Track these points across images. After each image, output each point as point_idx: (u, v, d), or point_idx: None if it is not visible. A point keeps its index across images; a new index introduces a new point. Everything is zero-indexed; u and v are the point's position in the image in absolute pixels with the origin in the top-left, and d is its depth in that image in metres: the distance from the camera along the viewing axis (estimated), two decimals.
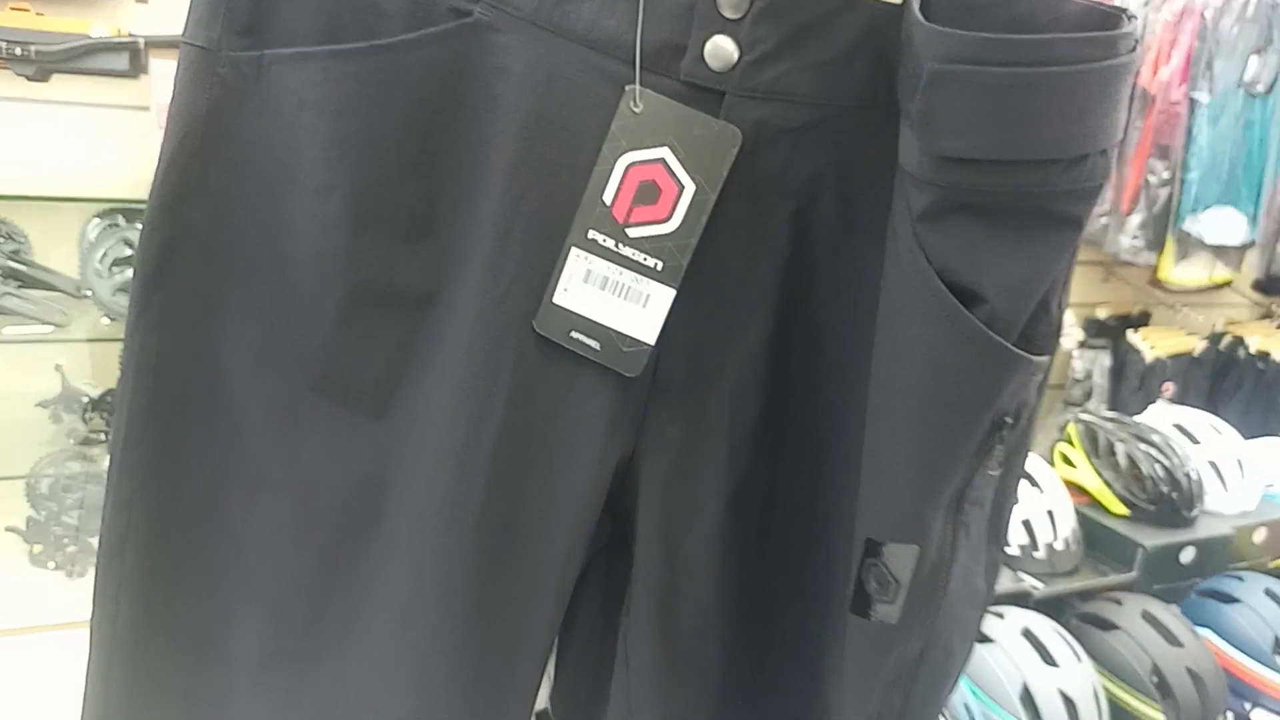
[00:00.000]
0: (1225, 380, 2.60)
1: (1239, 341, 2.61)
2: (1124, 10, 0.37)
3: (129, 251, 1.65)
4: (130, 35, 1.65)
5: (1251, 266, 2.54)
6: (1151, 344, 2.49)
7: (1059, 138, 0.36)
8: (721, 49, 0.40)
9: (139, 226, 1.65)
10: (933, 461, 0.41)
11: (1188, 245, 2.37)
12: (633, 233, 0.42)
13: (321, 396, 0.47)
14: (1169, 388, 2.46)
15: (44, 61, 1.63)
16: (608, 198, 0.42)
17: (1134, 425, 1.73)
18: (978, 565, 0.45)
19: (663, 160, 0.41)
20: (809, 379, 0.46)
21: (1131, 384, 2.45)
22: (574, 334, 0.44)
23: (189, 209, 0.46)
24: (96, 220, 1.65)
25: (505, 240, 0.43)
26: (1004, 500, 0.45)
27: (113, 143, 1.72)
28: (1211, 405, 2.42)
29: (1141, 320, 2.64)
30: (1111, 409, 2.31)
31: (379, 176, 0.44)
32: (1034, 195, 0.37)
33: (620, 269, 0.43)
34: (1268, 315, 2.87)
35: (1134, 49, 0.37)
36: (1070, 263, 0.41)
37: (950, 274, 0.38)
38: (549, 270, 0.43)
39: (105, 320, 1.63)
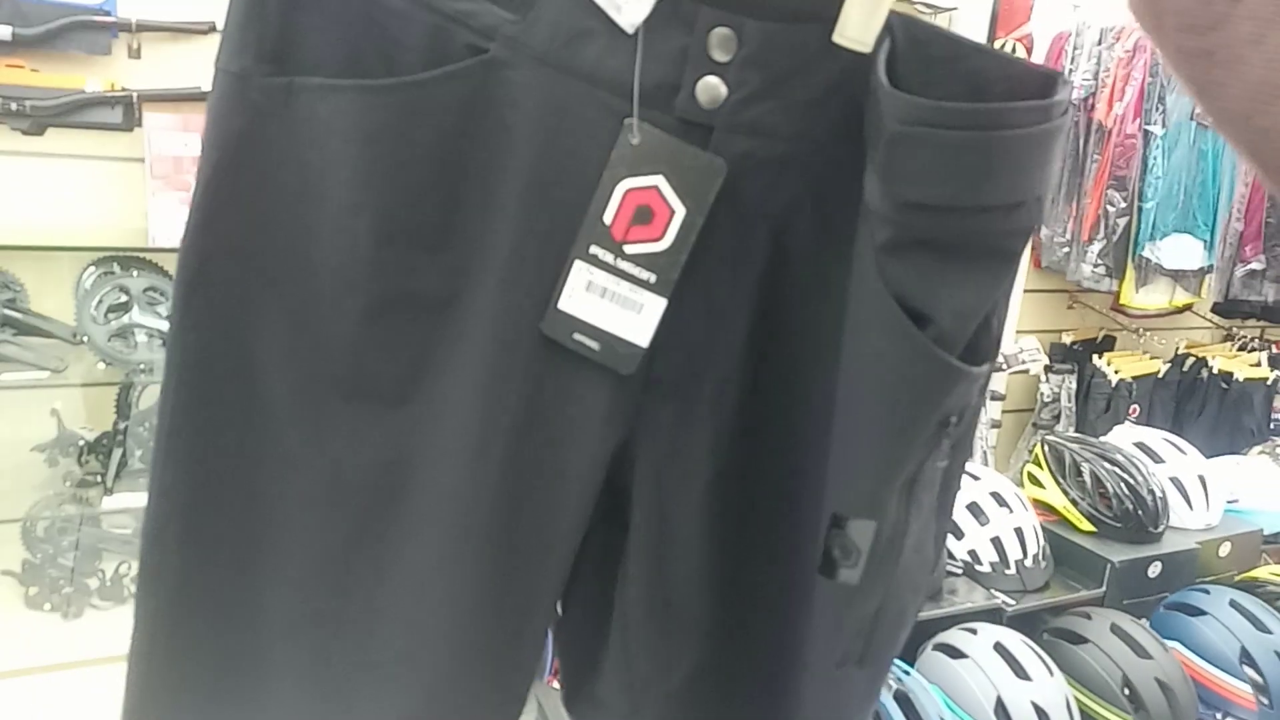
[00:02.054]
0: (1190, 401, 2.68)
1: (1202, 363, 2.68)
2: (1060, 74, 0.44)
3: (124, 298, 1.69)
4: (123, 90, 1.70)
5: (1211, 290, 2.63)
6: (1116, 368, 2.56)
7: (1002, 188, 0.43)
8: (711, 88, 0.46)
9: (134, 274, 1.70)
10: (889, 453, 0.48)
11: (1147, 271, 2.46)
12: (629, 249, 0.48)
13: (347, 390, 0.52)
14: (1135, 410, 2.54)
15: (39, 116, 1.69)
16: (607, 218, 0.47)
17: (1098, 445, 1.79)
18: (927, 535, 0.53)
19: (657, 187, 0.47)
20: (783, 375, 0.52)
21: (1098, 406, 2.52)
22: (576, 336, 0.49)
23: (224, 222, 0.50)
24: (92, 268, 1.69)
25: (517, 254, 0.49)
26: (950, 483, 0.53)
27: (107, 193, 1.76)
28: (1177, 426, 2.49)
29: (1106, 345, 2.71)
30: (1079, 431, 2.38)
31: (403, 196, 0.49)
32: (979, 234, 0.44)
33: (618, 280, 0.48)
34: (1229, 337, 2.96)
35: (1066, 113, 0.43)
36: (1008, 288, 0.48)
37: (906, 298, 0.45)
38: (555, 280, 0.49)
39: (100, 365, 1.67)
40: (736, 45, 0.46)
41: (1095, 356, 2.61)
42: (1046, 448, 1.83)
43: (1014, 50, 2.33)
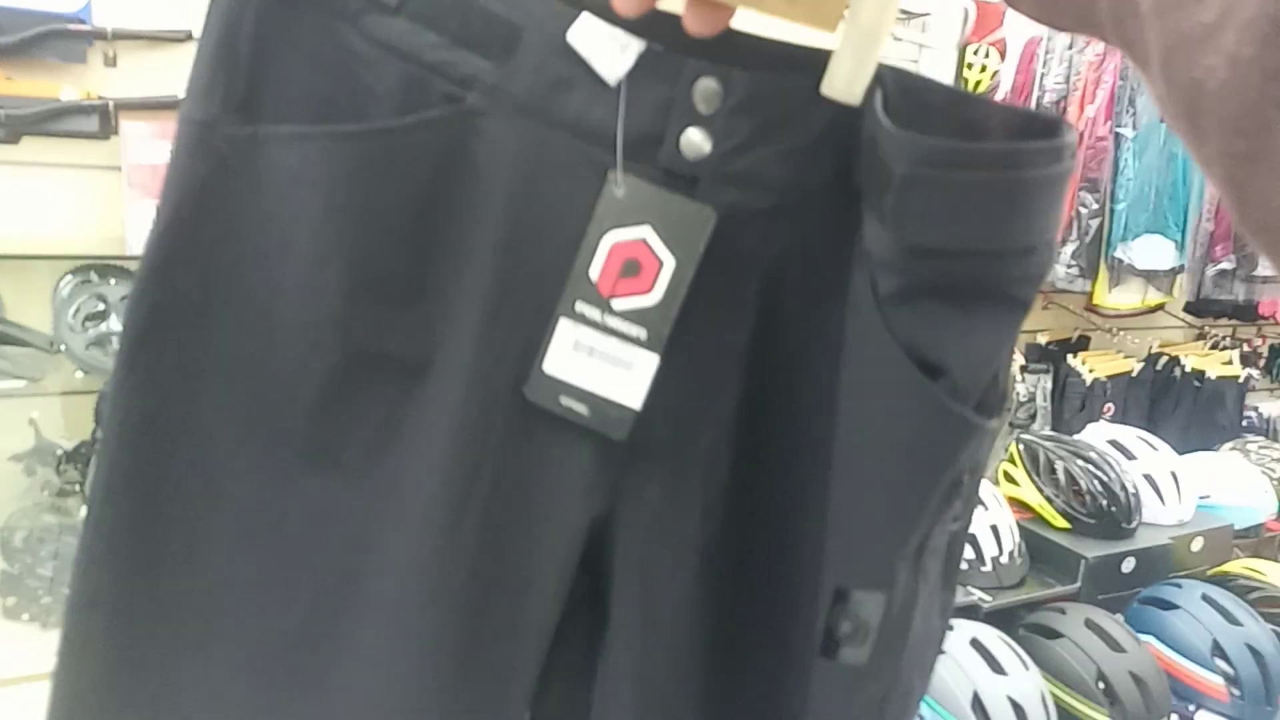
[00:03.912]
0: (1164, 399, 2.72)
1: (1175, 362, 2.72)
2: (1062, 119, 0.43)
3: (101, 306, 1.68)
4: (100, 98, 1.70)
5: (1183, 290, 2.67)
6: (1091, 367, 2.59)
7: (1015, 232, 0.41)
8: (694, 141, 0.44)
9: (111, 282, 1.70)
10: (900, 517, 0.45)
11: (1120, 272, 2.49)
12: (617, 305, 0.46)
13: (308, 457, 0.49)
14: (1110, 409, 2.57)
15: (14, 124, 1.68)
16: (593, 273, 0.45)
17: (1072, 443, 1.82)
18: (934, 607, 0.49)
19: (645, 239, 0.45)
20: (776, 440, 0.49)
21: (1073, 405, 2.55)
22: (563, 400, 0.46)
23: (179, 275, 0.47)
24: (69, 277, 1.68)
25: (496, 312, 0.46)
26: (957, 548, 0.50)
27: (84, 202, 1.76)
28: (1151, 424, 2.52)
29: (1080, 344, 2.75)
30: (1054, 430, 2.40)
31: (374, 250, 0.46)
32: (992, 280, 0.42)
33: (606, 338, 0.46)
34: (1201, 336, 3.00)
35: (1073, 156, 0.42)
36: (1015, 338, 0.46)
37: (915, 350, 0.42)
38: (537, 341, 0.46)
39: (79, 374, 1.66)
40: (722, 96, 0.44)
41: (1070, 356, 2.64)
42: (1022, 446, 1.86)
43: (987, 54, 2.36)
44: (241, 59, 0.46)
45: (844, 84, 0.41)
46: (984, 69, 2.34)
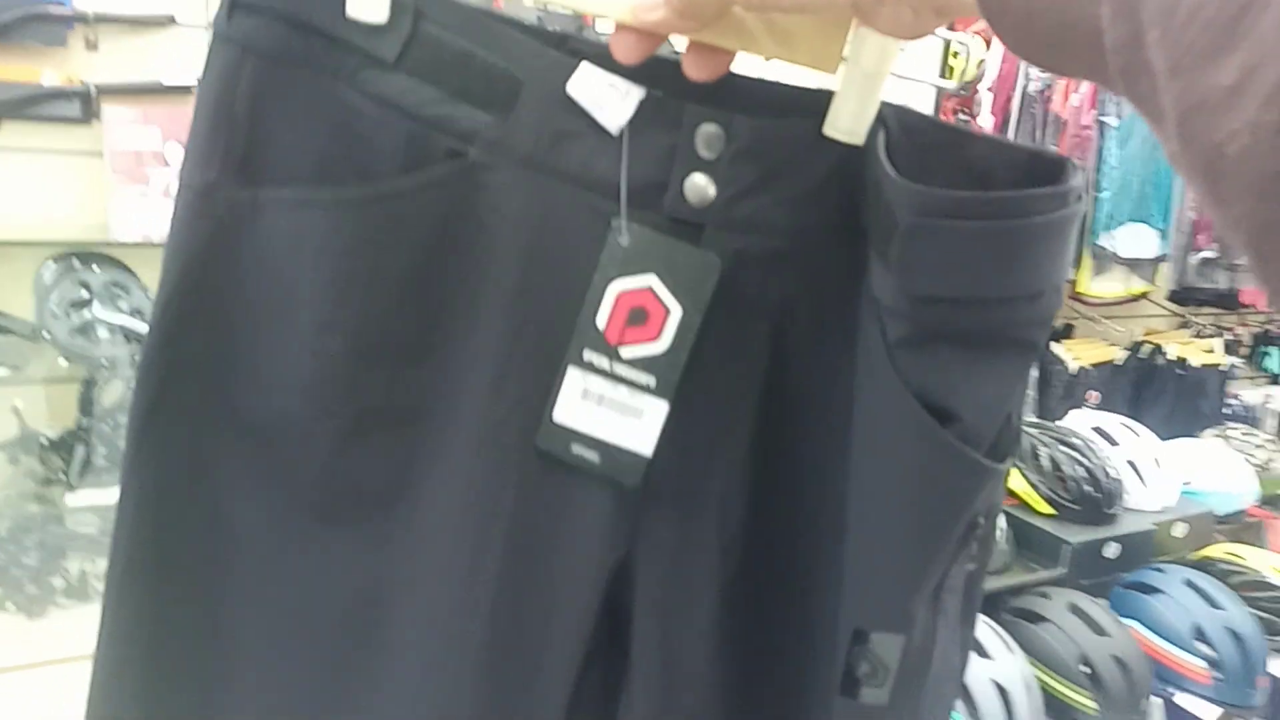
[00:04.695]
0: (1148, 387, 2.74)
1: (1158, 350, 2.74)
2: (1068, 160, 0.42)
3: (84, 293, 1.67)
4: (81, 82, 1.69)
5: (1166, 279, 2.69)
6: (1075, 355, 2.61)
7: (1022, 278, 0.40)
8: (699, 187, 0.44)
9: (94, 269, 1.69)
10: (915, 562, 0.45)
11: (1104, 260, 2.51)
12: (625, 353, 0.46)
13: (320, 518, 0.49)
14: (1093, 396, 2.59)
15: None
16: (600, 322, 0.45)
17: (1055, 430, 1.83)
18: (954, 644, 0.49)
19: (651, 287, 0.45)
20: (790, 482, 0.49)
21: (1057, 393, 2.56)
22: (575, 449, 0.47)
23: (186, 343, 0.48)
24: (52, 263, 1.67)
25: (506, 365, 0.47)
26: (975, 586, 0.50)
27: (66, 187, 1.74)
28: (1135, 411, 2.54)
29: (1064, 332, 2.76)
30: (1039, 417, 2.42)
31: (381, 311, 0.47)
32: (1001, 326, 0.41)
33: (616, 385, 0.46)
34: (1184, 324, 3.03)
35: (1080, 199, 0.41)
36: (1027, 381, 0.46)
37: (926, 395, 0.42)
38: (547, 391, 0.46)
39: (62, 362, 1.65)
40: (725, 142, 0.44)
41: (1054, 344, 2.66)
42: None
43: (972, 44, 2.36)
44: (239, 121, 0.45)
45: (848, 123, 0.41)
46: (970, 58, 2.34)
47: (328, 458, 0.48)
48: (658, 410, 0.46)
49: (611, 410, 0.46)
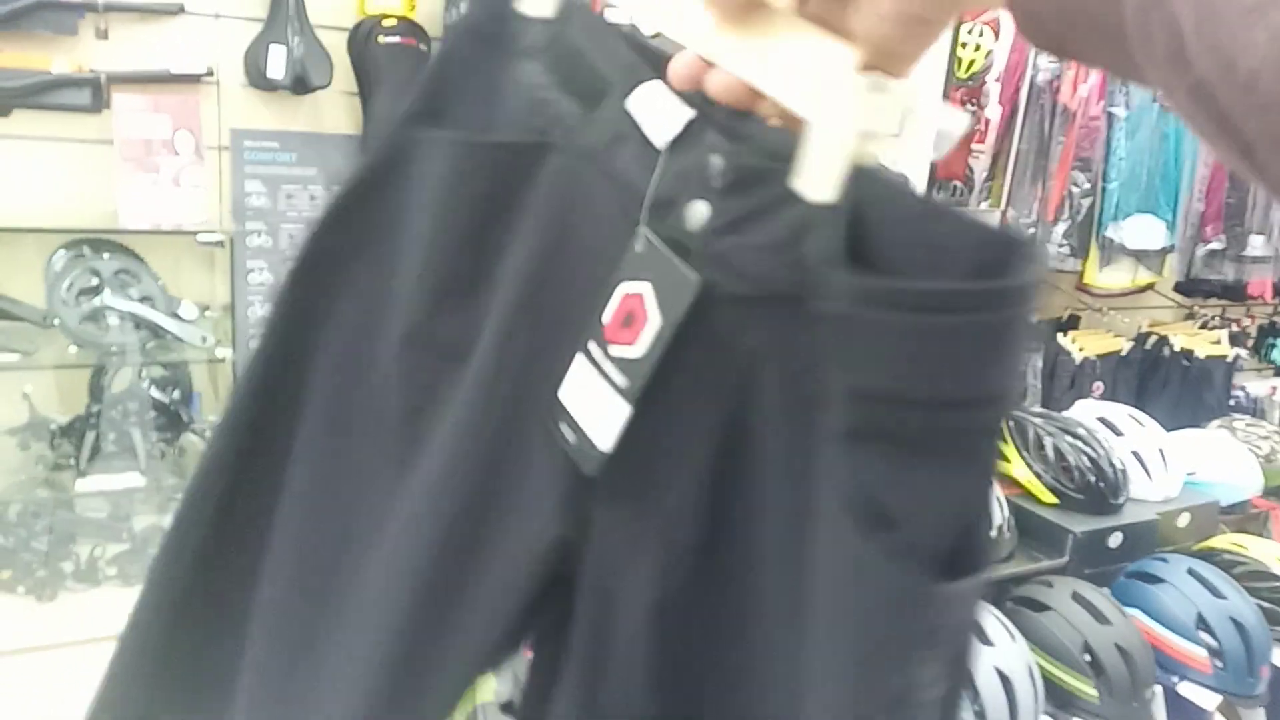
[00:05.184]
0: (1153, 378, 2.74)
1: (1164, 341, 2.74)
2: (1033, 247, 0.38)
3: (94, 281, 1.68)
4: (91, 71, 1.70)
5: (1172, 270, 2.68)
6: (1081, 345, 2.61)
7: (964, 380, 0.37)
8: (697, 212, 0.45)
9: (104, 256, 1.70)
10: (854, 675, 0.41)
11: (1111, 251, 2.50)
12: (613, 351, 0.48)
13: (361, 421, 0.59)
14: (1099, 387, 2.59)
15: (5, 97, 1.68)
16: (605, 317, 0.49)
17: (1061, 420, 1.83)
18: None
19: (643, 294, 0.47)
20: (742, 543, 0.47)
21: (1063, 384, 2.57)
22: (561, 425, 0.50)
23: (339, 230, 0.59)
24: (62, 251, 1.68)
25: (514, 324, 0.53)
26: (950, 711, 0.44)
27: (76, 175, 1.75)
28: (1140, 402, 2.54)
29: (1071, 324, 2.76)
30: (1044, 408, 2.42)
31: (449, 242, 0.55)
32: (936, 431, 0.38)
33: (599, 379, 0.49)
34: (1190, 316, 3.02)
35: (1031, 297, 0.37)
36: (987, 491, 0.42)
37: (864, 497, 0.39)
38: (549, 360, 0.51)
39: (72, 348, 1.66)
40: (722, 174, 0.45)
41: (1060, 335, 2.66)
42: (1011, 422, 1.87)
43: (981, 33, 2.36)
44: (432, 77, 0.57)
45: (813, 178, 0.39)
46: (978, 48, 2.33)
47: (386, 362, 0.57)
48: (621, 412, 0.48)
49: (591, 400, 0.49)
